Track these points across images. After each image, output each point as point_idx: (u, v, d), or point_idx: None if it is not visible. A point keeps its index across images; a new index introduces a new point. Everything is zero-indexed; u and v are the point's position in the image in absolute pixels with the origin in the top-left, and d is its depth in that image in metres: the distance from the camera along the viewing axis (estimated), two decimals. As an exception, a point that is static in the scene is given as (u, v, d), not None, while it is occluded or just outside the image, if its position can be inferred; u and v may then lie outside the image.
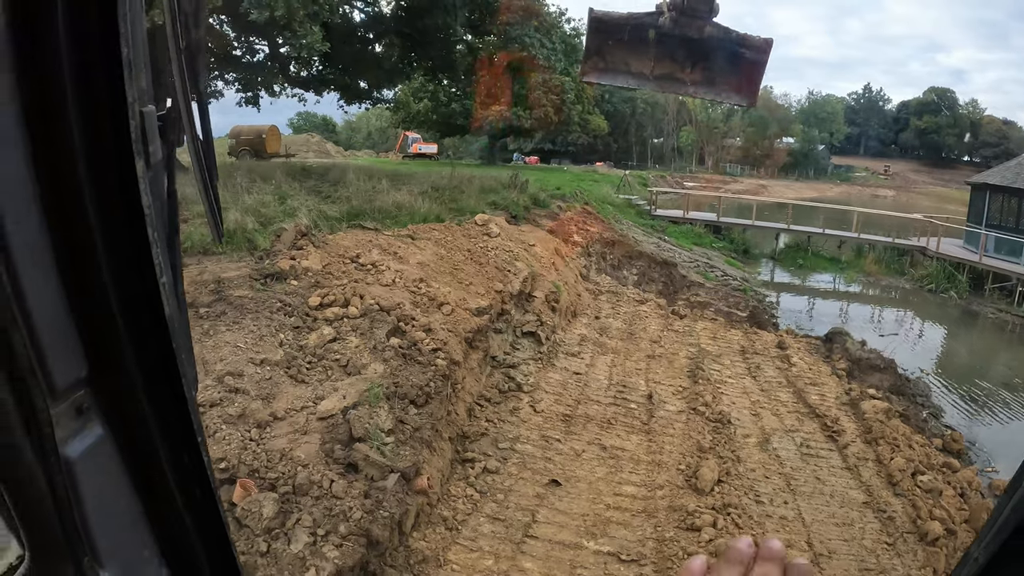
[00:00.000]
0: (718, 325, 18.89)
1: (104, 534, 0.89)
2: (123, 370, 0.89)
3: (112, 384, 0.89)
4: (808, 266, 32.24)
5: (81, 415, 0.85)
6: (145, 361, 0.91)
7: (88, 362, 0.85)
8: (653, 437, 10.68)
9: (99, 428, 0.88)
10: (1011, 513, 0.85)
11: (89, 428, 0.87)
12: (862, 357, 16.07)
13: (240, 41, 25.20)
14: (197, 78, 1.00)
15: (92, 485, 0.86)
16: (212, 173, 1.11)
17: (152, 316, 0.89)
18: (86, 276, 0.82)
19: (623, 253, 25.04)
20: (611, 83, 4.83)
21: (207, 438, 5.97)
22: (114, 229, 0.82)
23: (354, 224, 13.96)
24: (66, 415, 0.82)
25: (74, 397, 0.84)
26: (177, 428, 0.97)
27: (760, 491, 9.43)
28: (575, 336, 15.50)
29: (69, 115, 0.74)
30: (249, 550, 5.25)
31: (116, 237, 0.82)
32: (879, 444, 10.94)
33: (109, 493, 0.91)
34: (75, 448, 0.83)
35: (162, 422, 0.95)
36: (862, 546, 8.38)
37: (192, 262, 9.98)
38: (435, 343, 9.70)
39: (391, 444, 7.13)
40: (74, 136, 0.74)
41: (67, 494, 0.83)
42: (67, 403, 0.83)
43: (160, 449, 0.95)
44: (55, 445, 0.81)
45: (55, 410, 0.80)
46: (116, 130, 0.78)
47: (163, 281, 0.88)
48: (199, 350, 7.60)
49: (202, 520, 1.05)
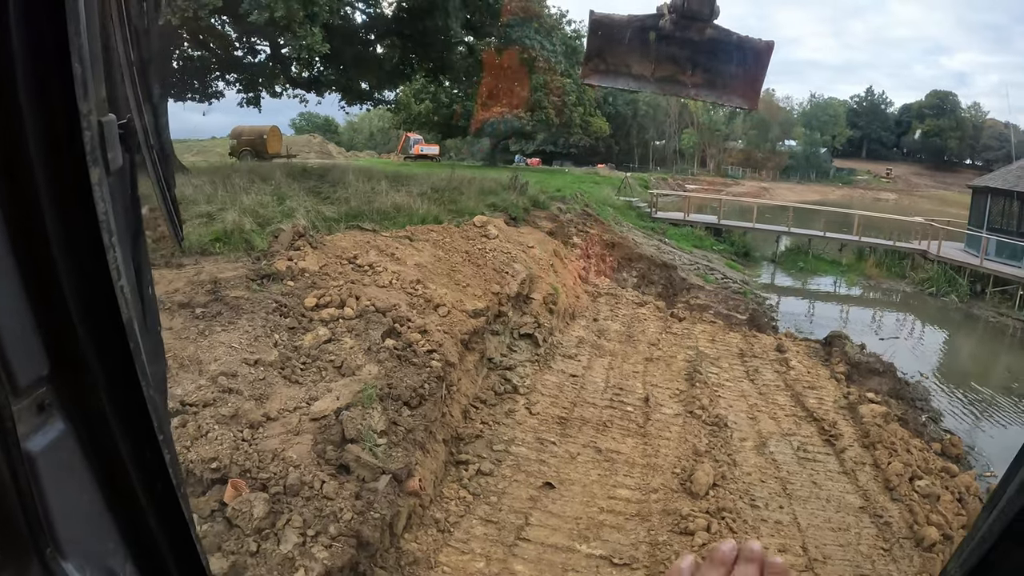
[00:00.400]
0: (717, 328, 18.88)
1: (66, 526, 0.92)
2: (84, 369, 0.93)
3: (73, 382, 0.92)
4: (809, 269, 32.21)
5: (43, 411, 0.89)
6: (105, 361, 0.94)
7: (50, 361, 0.88)
8: (649, 440, 10.69)
9: (61, 424, 0.91)
10: (988, 529, 0.87)
11: (51, 424, 0.90)
12: (861, 361, 16.03)
13: (241, 42, 25.29)
14: (150, 90, 1.03)
15: (54, 478, 0.89)
16: (169, 180, 1.15)
17: (111, 318, 0.92)
18: (44, 279, 0.85)
19: (623, 255, 25.03)
20: (612, 85, 4.81)
21: (200, 437, 6.04)
22: (71, 234, 0.86)
23: (352, 225, 14.01)
24: (28, 411, 0.86)
25: (36, 394, 0.87)
26: (139, 426, 1.01)
27: (755, 495, 9.41)
28: (573, 338, 15.52)
29: (25, 126, 0.78)
30: (239, 550, 5.28)
31: (73, 242, 0.86)
32: (877, 448, 10.91)
33: (71, 487, 0.94)
34: (37, 443, 0.87)
35: (123, 420, 0.98)
36: (858, 551, 8.35)
37: (190, 262, 10.03)
38: (430, 345, 9.72)
39: (384, 445, 7.16)
40: (29, 146, 0.78)
41: (29, 487, 0.87)
42: (29, 399, 0.86)
43: (121, 445, 0.99)
44: (17, 440, 0.84)
45: (17, 406, 0.84)
46: (71, 140, 0.81)
47: (121, 284, 0.92)
48: (193, 350, 7.64)
49: (164, 514, 1.08)
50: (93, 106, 0.83)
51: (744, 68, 4.35)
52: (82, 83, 0.80)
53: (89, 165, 0.83)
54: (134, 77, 0.96)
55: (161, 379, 1.28)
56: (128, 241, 1.10)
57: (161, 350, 1.36)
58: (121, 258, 0.93)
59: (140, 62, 1.01)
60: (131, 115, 1.00)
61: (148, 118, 1.05)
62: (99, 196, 0.85)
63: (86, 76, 0.81)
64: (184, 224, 10.39)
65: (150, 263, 1.23)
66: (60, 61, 0.79)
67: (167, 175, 1.15)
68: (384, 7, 25.96)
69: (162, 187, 1.06)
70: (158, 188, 1.08)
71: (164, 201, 1.06)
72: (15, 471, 0.85)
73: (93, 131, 0.84)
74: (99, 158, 0.86)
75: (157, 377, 1.24)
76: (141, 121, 1.00)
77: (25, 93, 0.77)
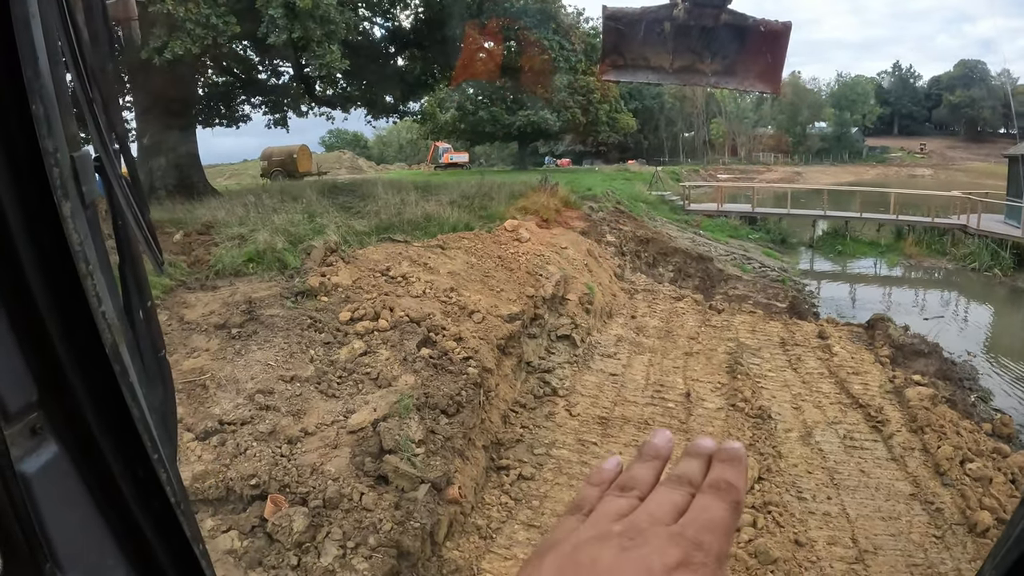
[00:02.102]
0: (757, 318, 18.64)
1: (65, 544, 0.97)
2: (71, 393, 0.97)
3: (62, 406, 0.97)
4: (847, 252, 31.61)
5: (36, 435, 0.93)
6: (90, 385, 0.99)
7: (37, 386, 0.93)
8: (692, 436, 10.59)
9: (54, 446, 0.96)
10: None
11: (44, 446, 0.95)
12: (905, 343, 15.70)
13: (263, 64, 25.70)
14: (113, 124, 1.08)
15: (49, 498, 0.94)
16: (143, 208, 1.20)
17: (93, 344, 0.97)
18: (25, 311, 0.90)
19: (657, 250, 24.86)
20: (631, 80, 4.76)
21: (239, 455, 6.15)
22: (46, 267, 0.90)
23: (384, 238, 14.14)
24: (20, 435, 0.91)
25: (27, 419, 0.92)
26: (129, 446, 1.05)
27: (802, 487, 9.26)
28: (611, 337, 15.45)
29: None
30: (280, 564, 5.36)
31: (49, 274, 0.90)
32: (925, 432, 10.65)
33: (68, 506, 0.99)
34: (31, 465, 0.92)
35: (112, 440, 1.03)
36: (909, 540, 8.15)
37: (224, 284, 10.22)
38: (466, 352, 9.77)
39: (422, 455, 7.20)
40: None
41: (26, 507, 0.91)
42: (21, 424, 0.91)
43: (113, 465, 1.03)
44: (11, 463, 0.89)
45: (9, 431, 0.88)
46: (37, 177, 0.85)
47: (102, 310, 0.96)
48: (230, 369, 7.78)
49: (164, 531, 1.12)
50: (61, 143, 0.87)
51: (763, 52, 4.27)
52: (44, 122, 0.84)
53: (59, 200, 0.87)
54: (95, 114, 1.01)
55: (163, 400, 1.33)
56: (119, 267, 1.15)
57: (165, 372, 1.40)
58: (104, 285, 0.97)
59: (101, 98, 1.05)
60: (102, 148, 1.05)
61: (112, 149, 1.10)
62: (71, 228, 0.89)
63: (48, 114, 0.85)
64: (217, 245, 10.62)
65: (147, 287, 1.28)
66: (17, 102, 0.83)
67: (140, 204, 1.19)
68: (402, 20, 26.20)
69: (136, 217, 1.10)
70: (132, 218, 1.12)
71: (140, 230, 1.10)
72: (11, 492, 0.90)
73: (63, 167, 0.87)
74: (71, 192, 0.90)
75: (156, 399, 1.28)
76: (108, 155, 1.04)
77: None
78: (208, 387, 7.47)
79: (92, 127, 1.02)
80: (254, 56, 24.94)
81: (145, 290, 1.32)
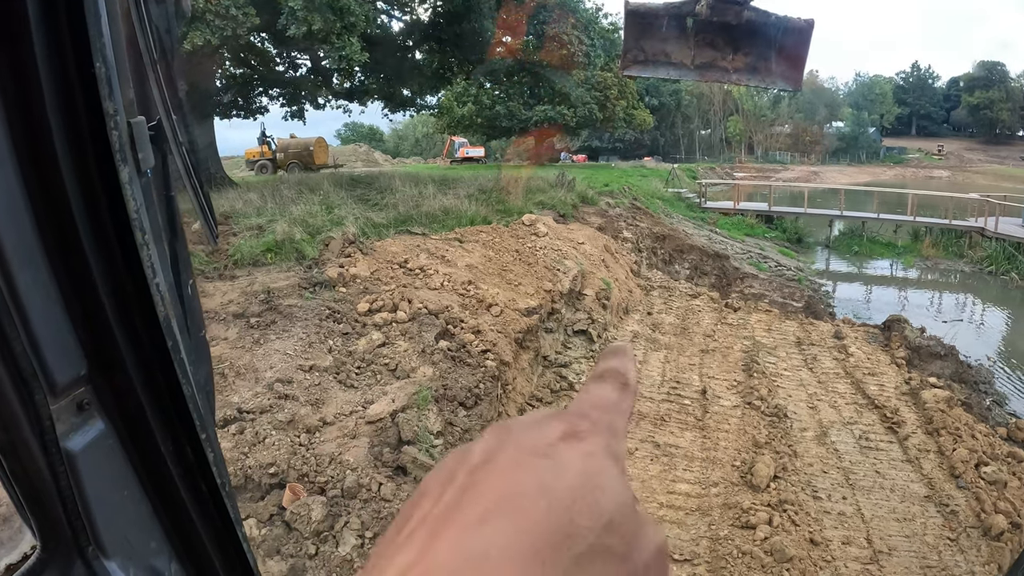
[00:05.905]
0: (773, 316, 18.51)
1: (108, 525, 0.93)
2: (121, 368, 0.93)
3: (111, 381, 0.93)
4: (864, 252, 31.37)
5: (82, 411, 0.90)
6: (143, 360, 0.95)
7: (87, 361, 0.89)
8: (707, 433, 10.53)
9: (100, 423, 0.92)
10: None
11: (90, 423, 0.91)
12: (922, 345, 15.58)
13: (282, 57, 25.71)
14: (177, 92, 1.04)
15: (94, 477, 0.91)
16: (201, 179, 1.16)
17: (146, 317, 0.93)
18: (78, 280, 0.86)
19: (674, 247, 24.78)
20: (652, 75, 4.73)
21: (258, 443, 6.14)
22: (102, 234, 0.86)
23: (401, 230, 14.13)
24: (67, 411, 0.87)
25: (74, 394, 0.88)
26: (180, 425, 1.02)
27: (818, 486, 9.21)
28: (627, 333, 15.40)
29: (51, 128, 0.78)
30: (297, 552, 5.36)
31: (105, 242, 0.86)
32: (941, 434, 10.58)
33: (112, 485, 0.95)
34: (76, 442, 0.88)
35: (163, 419, 0.99)
36: (924, 542, 8.10)
37: (243, 274, 10.23)
38: (484, 344, 9.75)
39: (440, 446, 7.20)
40: (55, 147, 0.79)
41: (69, 485, 0.88)
42: (67, 399, 0.87)
43: (161, 444, 0.99)
44: (56, 439, 0.85)
45: (55, 406, 0.85)
46: (97, 141, 0.82)
47: (156, 282, 0.92)
48: (249, 358, 7.79)
49: (209, 514, 1.09)
50: (120, 107, 0.84)
51: (785, 49, 4.23)
52: (106, 83, 0.80)
53: (118, 164, 0.83)
54: (159, 78, 0.97)
55: (206, 380, 1.29)
56: (165, 241, 1.11)
57: (206, 351, 1.37)
58: (157, 257, 0.93)
59: (166, 64, 1.01)
60: (160, 117, 1.01)
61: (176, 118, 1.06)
62: (129, 195, 0.85)
63: (110, 76, 0.81)
64: (236, 235, 10.64)
65: (190, 264, 1.24)
66: (82, 62, 0.79)
67: (198, 175, 1.16)
68: (420, 13, 26.14)
69: (194, 187, 1.07)
70: (190, 188, 1.08)
71: (197, 200, 1.06)
72: (55, 470, 0.86)
73: (121, 131, 0.84)
74: (128, 157, 0.86)
75: (201, 378, 1.25)
76: (170, 122, 1.00)
77: (48, 93, 0.77)
78: (227, 375, 7.47)
79: (156, 93, 0.98)
80: (272, 48, 24.96)
81: (190, 266, 1.29)
